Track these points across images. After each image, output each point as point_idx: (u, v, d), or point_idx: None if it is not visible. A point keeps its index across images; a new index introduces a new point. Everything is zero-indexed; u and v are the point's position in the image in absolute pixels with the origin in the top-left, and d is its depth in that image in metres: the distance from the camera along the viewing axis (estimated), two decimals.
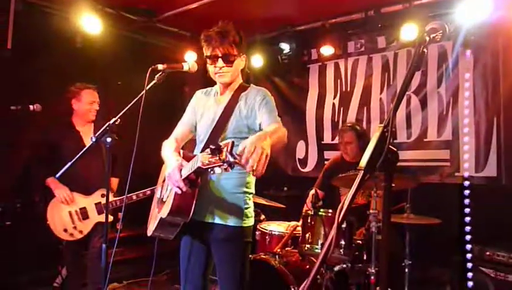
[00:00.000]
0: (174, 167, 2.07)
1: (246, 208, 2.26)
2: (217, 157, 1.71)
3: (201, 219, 2.21)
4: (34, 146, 3.80)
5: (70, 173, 2.54)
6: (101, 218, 3.58)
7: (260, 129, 2.18)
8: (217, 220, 2.21)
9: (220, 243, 2.23)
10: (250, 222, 2.28)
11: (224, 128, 2.23)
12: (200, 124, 2.38)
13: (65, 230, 3.56)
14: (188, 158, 2.13)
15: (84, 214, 3.60)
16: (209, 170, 1.76)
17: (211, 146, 1.73)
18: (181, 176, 2.04)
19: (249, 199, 2.30)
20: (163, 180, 2.39)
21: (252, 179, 2.32)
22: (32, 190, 4.21)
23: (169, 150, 2.28)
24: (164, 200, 2.25)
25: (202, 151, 2.02)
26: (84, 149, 2.43)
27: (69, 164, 2.44)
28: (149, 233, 2.34)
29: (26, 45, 4.18)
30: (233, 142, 1.72)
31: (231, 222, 2.21)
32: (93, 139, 2.36)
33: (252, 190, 2.33)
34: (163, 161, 2.32)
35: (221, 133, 2.23)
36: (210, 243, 2.26)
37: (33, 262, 4.05)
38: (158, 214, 2.25)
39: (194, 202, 2.10)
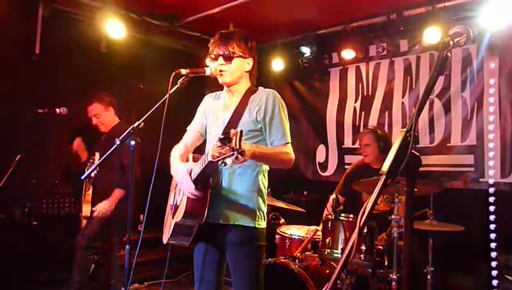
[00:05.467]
0: (183, 173, 2.09)
1: (259, 208, 2.26)
2: (227, 147, 1.67)
3: (215, 221, 2.20)
4: (61, 147, 3.91)
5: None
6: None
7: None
8: (231, 221, 2.21)
9: (234, 246, 2.23)
10: (263, 224, 2.28)
11: None
12: (210, 128, 2.40)
13: None
14: (198, 160, 2.13)
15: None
16: (220, 162, 1.71)
17: (220, 136, 1.69)
18: (191, 178, 2.06)
19: (262, 200, 2.29)
20: (176, 185, 2.39)
21: (264, 179, 2.32)
22: (58, 191, 4.32)
23: (175, 157, 2.30)
24: (178, 204, 2.25)
25: None
26: (109, 151, 2.47)
27: (94, 167, 2.51)
28: (165, 241, 2.35)
29: (53, 49, 4.31)
30: (241, 131, 1.69)
31: (244, 222, 2.21)
32: (118, 142, 2.40)
33: (265, 190, 2.33)
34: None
35: None
36: (224, 246, 2.26)
37: (55, 262, 4.13)
38: (173, 219, 2.26)
39: (208, 202, 2.11)
